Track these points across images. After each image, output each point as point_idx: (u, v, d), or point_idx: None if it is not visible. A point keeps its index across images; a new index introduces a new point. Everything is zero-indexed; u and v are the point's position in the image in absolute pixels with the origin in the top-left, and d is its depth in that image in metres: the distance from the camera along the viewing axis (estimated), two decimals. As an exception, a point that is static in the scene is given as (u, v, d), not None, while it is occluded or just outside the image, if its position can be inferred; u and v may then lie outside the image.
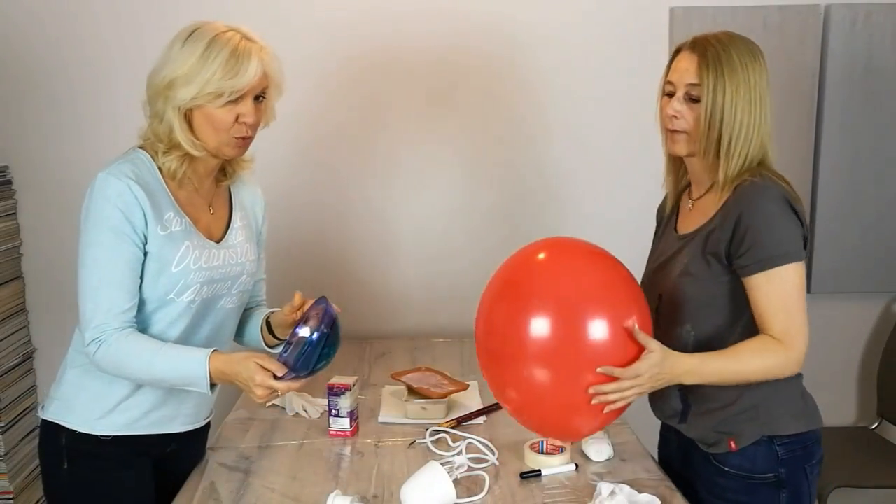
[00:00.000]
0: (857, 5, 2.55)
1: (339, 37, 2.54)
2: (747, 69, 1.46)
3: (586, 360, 1.40)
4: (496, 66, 2.60)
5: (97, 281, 1.45)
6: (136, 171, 1.48)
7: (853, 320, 2.77)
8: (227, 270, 1.60)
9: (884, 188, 2.66)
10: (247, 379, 1.43)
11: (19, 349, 2.59)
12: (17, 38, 2.53)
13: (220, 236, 1.61)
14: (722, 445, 1.52)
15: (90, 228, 1.46)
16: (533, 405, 1.48)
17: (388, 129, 2.64)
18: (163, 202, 1.50)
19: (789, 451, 1.50)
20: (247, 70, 1.45)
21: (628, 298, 1.45)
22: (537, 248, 1.54)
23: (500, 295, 1.50)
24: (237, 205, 1.67)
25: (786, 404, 1.51)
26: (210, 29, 1.47)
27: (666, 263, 1.59)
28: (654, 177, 2.66)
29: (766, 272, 1.42)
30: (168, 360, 1.46)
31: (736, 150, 1.46)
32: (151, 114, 1.51)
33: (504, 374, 1.49)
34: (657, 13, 2.57)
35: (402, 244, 2.70)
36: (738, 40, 1.49)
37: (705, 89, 1.45)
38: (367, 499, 1.52)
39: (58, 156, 2.58)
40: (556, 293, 1.43)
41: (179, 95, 1.44)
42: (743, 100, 1.45)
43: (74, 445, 1.56)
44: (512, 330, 1.44)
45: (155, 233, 1.47)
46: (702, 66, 1.46)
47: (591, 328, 1.40)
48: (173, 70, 1.45)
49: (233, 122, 1.48)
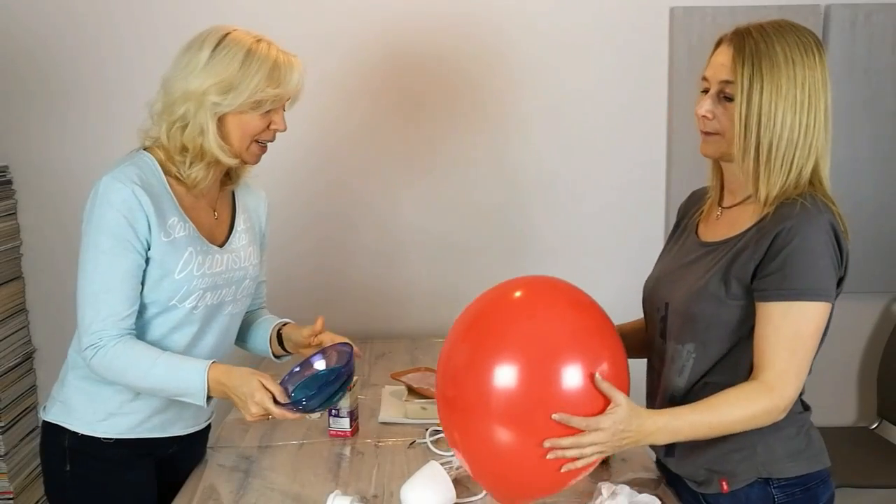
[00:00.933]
0: (857, 5, 2.55)
1: (337, 36, 2.55)
2: (793, 65, 1.27)
3: (543, 415, 1.22)
4: (495, 67, 2.60)
5: (97, 287, 1.44)
6: (142, 176, 1.46)
7: (853, 320, 2.77)
8: (230, 275, 1.59)
9: (884, 188, 2.66)
10: (245, 394, 1.42)
11: (19, 349, 2.59)
12: (17, 38, 2.53)
13: (223, 240, 1.60)
14: (713, 485, 1.38)
15: (92, 233, 1.44)
16: (480, 457, 1.32)
17: (387, 129, 2.64)
18: (167, 207, 1.49)
19: (788, 495, 1.35)
20: (289, 81, 1.49)
21: (600, 346, 1.28)
22: (504, 290, 1.37)
23: (457, 338, 1.34)
24: (240, 208, 1.67)
25: (787, 443, 1.36)
26: (240, 37, 1.47)
27: (679, 270, 1.44)
28: (654, 176, 2.69)
29: (787, 303, 1.26)
30: (165, 369, 1.45)
31: (778, 159, 1.28)
32: (171, 120, 1.48)
33: (457, 421, 1.32)
34: (657, 13, 2.57)
35: (402, 244, 2.70)
36: (789, 30, 1.30)
37: (739, 87, 1.28)
38: (367, 499, 1.52)
39: (58, 156, 2.58)
40: (515, 338, 1.26)
41: (223, 101, 1.44)
42: (786, 100, 1.27)
43: (77, 447, 1.55)
44: (466, 377, 1.28)
45: (158, 239, 1.46)
46: (736, 60, 1.28)
47: (552, 378, 1.23)
48: (210, 76, 1.44)
49: (264, 128, 1.51)
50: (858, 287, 2.71)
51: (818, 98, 1.30)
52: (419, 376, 2.04)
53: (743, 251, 1.32)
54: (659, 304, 1.45)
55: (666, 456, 1.47)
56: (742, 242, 1.33)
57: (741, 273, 1.31)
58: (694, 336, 1.36)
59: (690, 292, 1.37)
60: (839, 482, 2.33)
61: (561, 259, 2.70)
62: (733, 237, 1.36)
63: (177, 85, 1.47)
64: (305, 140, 2.59)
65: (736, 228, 1.37)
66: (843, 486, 2.30)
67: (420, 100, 2.62)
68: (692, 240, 1.47)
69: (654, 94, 2.60)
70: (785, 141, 1.28)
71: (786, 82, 1.27)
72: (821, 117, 1.30)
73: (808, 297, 1.26)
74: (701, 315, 1.35)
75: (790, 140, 1.28)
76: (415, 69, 2.59)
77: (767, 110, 1.27)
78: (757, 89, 1.27)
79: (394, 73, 2.58)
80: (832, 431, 2.59)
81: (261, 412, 1.42)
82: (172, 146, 1.49)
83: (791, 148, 1.29)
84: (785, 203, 1.29)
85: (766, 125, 1.28)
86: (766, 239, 1.28)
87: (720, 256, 1.36)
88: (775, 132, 1.28)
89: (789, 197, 1.29)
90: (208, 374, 1.44)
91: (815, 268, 1.26)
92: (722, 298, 1.33)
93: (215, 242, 1.58)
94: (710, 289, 1.34)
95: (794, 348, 1.27)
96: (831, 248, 1.27)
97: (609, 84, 2.61)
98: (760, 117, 1.27)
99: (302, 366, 1.58)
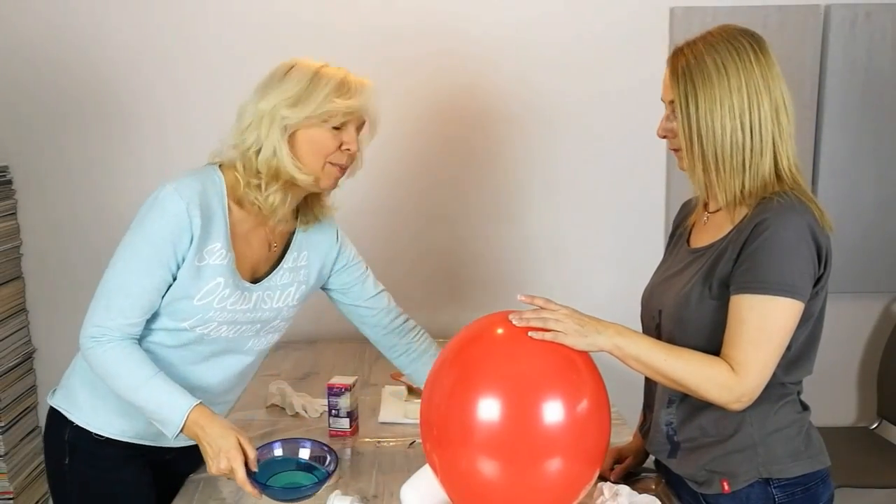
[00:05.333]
0: (857, 5, 2.56)
1: (340, 39, 2.55)
2: (727, 74, 1.31)
3: (530, 450, 1.23)
4: (494, 66, 2.60)
5: (118, 286, 1.43)
6: (203, 193, 1.45)
7: (853, 320, 2.78)
8: (257, 314, 1.56)
9: (884, 188, 2.66)
10: (220, 447, 1.39)
11: (19, 349, 2.59)
12: (16, 38, 2.53)
13: (264, 275, 1.57)
14: (714, 486, 1.38)
15: (135, 232, 1.44)
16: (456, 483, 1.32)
17: (387, 129, 2.63)
18: (216, 230, 1.46)
19: (788, 495, 1.36)
20: (360, 94, 1.48)
21: (579, 382, 1.29)
22: (486, 325, 1.36)
23: (440, 370, 1.34)
24: (296, 245, 1.62)
25: (787, 443, 1.36)
26: (310, 62, 1.48)
27: (670, 278, 1.47)
28: (654, 177, 2.69)
29: (753, 296, 1.27)
30: (152, 391, 1.42)
31: (726, 164, 1.32)
32: (245, 147, 1.47)
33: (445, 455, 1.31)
34: (657, 13, 2.57)
35: (402, 244, 2.70)
36: (721, 40, 1.34)
37: (678, 105, 1.35)
38: (367, 499, 1.52)
39: (58, 156, 2.58)
40: (498, 373, 1.26)
41: (291, 115, 1.44)
42: (722, 108, 1.31)
43: (76, 442, 1.56)
44: (450, 407, 1.27)
45: (191, 261, 1.44)
46: (672, 80, 1.36)
47: (534, 414, 1.22)
48: (281, 93, 1.44)
49: (336, 148, 1.48)
50: (858, 287, 2.72)
51: (760, 97, 1.32)
52: (419, 376, 2.04)
53: (724, 252, 1.35)
54: (654, 313, 1.48)
55: (668, 457, 1.47)
56: (724, 244, 1.36)
57: (723, 273, 1.33)
58: (685, 340, 1.37)
59: (678, 298, 1.40)
60: (839, 482, 2.33)
61: (560, 261, 2.70)
62: (717, 241, 1.39)
63: (249, 109, 1.47)
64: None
65: (721, 232, 1.39)
66: (843, 486, 2.30)
67: (421, 99, 2.61)
68: (684, 248, 1.51)
69: (654, 95, 2.59)
70: (729, 146, 1.32)
71: (720, 92, 1.31)
72: (766, 113, 1.32)
73: (775, 292, 1.27)
74: (689, 319, 1.37)
75: (734, 144, 1.32)
76: (417, 69, 2.59)
77: (706, 122, 1.32)
78: (693, 104, 1.32)
79: (395, 73, 2.58)
80: (832, 431, 2.60)
81: (227, 470, 1.40)
82: (249, 172, 1.47)
83: (738, 151, 1.32)
84: (762, 201, 1.31)
85: (706, 136, 1.32)
86: (742, 236, 1.31)
87: (705, 260, 1.39)
88: (717, 141, 1.32)
89: (766, 196, 1.31)
90: (191, 413, 1.41)
91: (785, 264, 1.27)
92: (706, 301, 1.35)
93: (256, 276, 1.55)
94: (695, 292, 1.36)
95: (758, 342, 1.27)
96: (805, 246, 1.28)
97: (609, 84, 2.61)
98: (700, 130, 1.32)
99: (284, 443, 1.53)
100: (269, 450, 1.50)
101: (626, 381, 1.64)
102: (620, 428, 1.81)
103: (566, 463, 1.25)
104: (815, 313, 1.36)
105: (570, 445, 1.24)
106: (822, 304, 1.37)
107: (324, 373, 2.27)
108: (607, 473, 1.56)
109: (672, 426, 1.44)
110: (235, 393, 1.68)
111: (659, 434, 1.47)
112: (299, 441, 1.54)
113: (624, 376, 1.53)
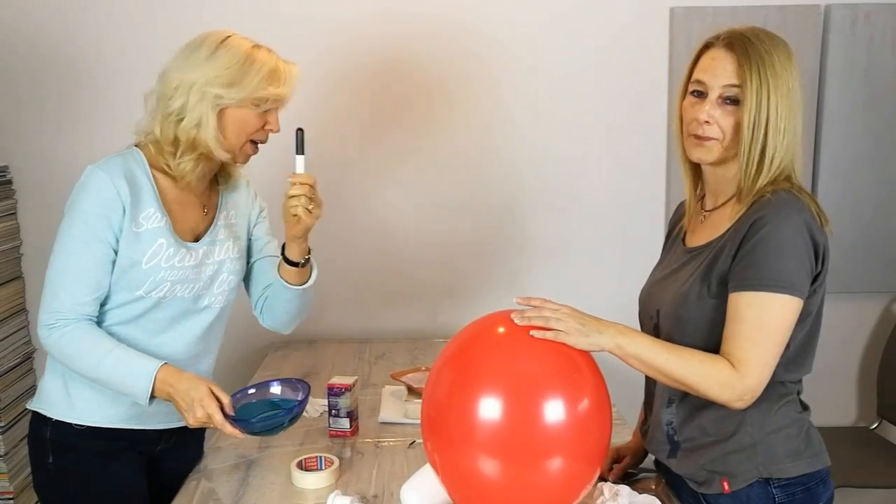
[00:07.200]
0: (857, 5, 2.56)
1: (333, 36, 2.55)
2: (787, 72, 1.31)
3: (531, 451, 1.22)
4: (495, 66, 2.60)
5: (62, 270, 1.48)
6: (125, 166, 1.51)
7: (853, 320, 2.78)
8: (203, 269, 1.60)
9: (883, 188, 2.66)
10: (193, 398, 1.44)
11: (19, 349, 2.59)
12: (17, 38, 2.53)
13: (203, 235, 1.63)
14: (714, 486, 1.38)
15: (68, 216, 1.50)
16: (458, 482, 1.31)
17: (387, 129, 2.64)
18: (145, 198, 1.52)
19: (788, 495, 1.35)
20: (289, 83, 1.56)
21: (580, 381, 1.28)
22: (486, 325, 1.35)
23: (441, 369, 1.33)
24: (223, 205, 1.69)
25: (787, 443, 1.36)
26: (240, 41, 1.54)
27: (667, 278, 1.47)
28: (654, 176, 2.69)
29: (751, 293, 1.27)
30: (115, 361, 1.46)
31: (775, 161, 1.32)
32: (166, 112, 1.52)
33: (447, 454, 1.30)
34: (657, 13, 2.57)
35: (402, 244, 2.70)
36: (777, 39, 1.34)
37: (749, 92, 1.30)
38: (367, 499, 1.52)
39: (58, 156, 2.58)
40: (499, 372, 1.25)
41: (226, 94, 1.49)
42: (783, 106, 1.31)
43: (56, 437, 1.56)
44: (451, 407, 1.27)
45: (128, 229, 1.49)
46: (744, 66, 1.31)
47: (535, 414, 1.22)
48: (213, 70, 1.49)
49: (259, 128, 1.56)
50: (858, 287, 2.72)
51: (798, 103, 1.34)
52: (419, 376, 2.04)
53: (722, 250, 1.35)
54: (651, 312, 1.48)
55: (668, 457, 1.47)
56: (722, 242, 1.36)
57: (721, 270, 1.33)
58: (684, 338, 1.36)
59: (676, 296, 1.40)
60: (839, 482, 2.33)
61: (560, 260, 2.70)
62: (715, 239, 1.39)
63: (174, 76, 1.51)
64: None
65: (718, 230, 1.39)
66: (843, 486, 2.30)
67: (421, 98, 2.61)
68: (680, 248, 1.50)
69: (654, 95, 2.60)
70: (782, 144, 1.32)
71: (783, 88, 1.31)
72: (799, 120, 1.34)
73: (773, 289, 1.27)
74: (687, 317, 1.37)
75: (782, 143, 1.32)
76: (415, 69, 2.59)
77: (774, 115, 1.30)
78: (765, 95, 1.30)
79: (393, 71, 2.58)
80: (832, 431, 2.59)
81: (204, 418, 1.44)
82: (164, 139, 1.53)
83: (781, 150, 1.33)
84: (759, 198, 1.32)
85: (772, 130, 1.31)
86: (740, 233, 1.32)
87: (703, 259, 1.39)
88: (777, 136, 1.31)
89: (764, 193, 1.32)
90: (157, 374, 1.45)
91: (782, 260, 1.27)
92: (704, 299, 1.35)
93: (197, 237, 1.60)
94: (693, 291, 1.36)
95: (757, 339, 1.27)
96: (803, 243, 1.29)
97: (609, 84, 2.61)
98: (768, 122, 1.30)
99: (258, 387, 1.62)
100: (243, 394, 1.59)
101: (627, 381, 1.64)
102: (620, 427, 1.81)
103: (567, 462, 1.24)
104: (814, 311, 1.36)
105: (571, 445, 1.24)
106: (821, 301, 1.38)
107: (324, 373, 2.27)
108: (606, 473, 1.56)
109: (672, 426, 1.44)
110: (205, 361, 1.68)
111: (659, 434, 1.47)
112: (269, 382, 1.63)
113: (624, 376, 1.53)
